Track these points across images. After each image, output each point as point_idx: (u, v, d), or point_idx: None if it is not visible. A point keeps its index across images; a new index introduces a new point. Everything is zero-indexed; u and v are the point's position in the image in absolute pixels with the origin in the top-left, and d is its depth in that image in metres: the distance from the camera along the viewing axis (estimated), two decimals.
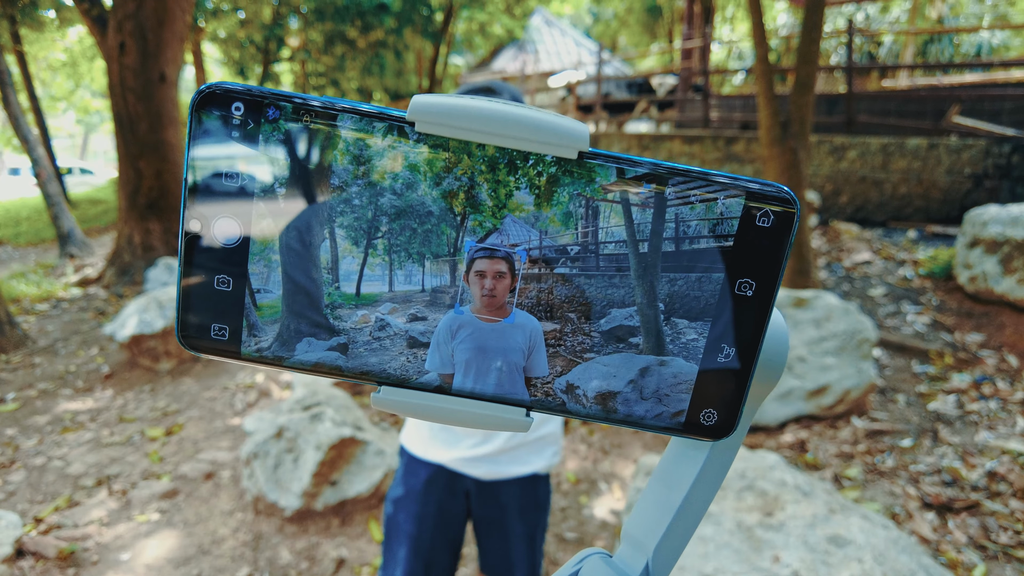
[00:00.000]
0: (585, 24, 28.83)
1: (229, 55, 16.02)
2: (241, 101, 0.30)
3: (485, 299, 0.34)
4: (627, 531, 0.41)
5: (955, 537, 2.73)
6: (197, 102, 0.29)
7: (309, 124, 0.30)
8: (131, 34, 6.72)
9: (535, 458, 1.63)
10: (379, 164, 0.31)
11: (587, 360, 0.34)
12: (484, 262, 0.33)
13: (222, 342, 0.32)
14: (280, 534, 2.98)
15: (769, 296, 0.33)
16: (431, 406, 0.34)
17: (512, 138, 0.30)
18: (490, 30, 18.75)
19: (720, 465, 0.39)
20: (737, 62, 18.01)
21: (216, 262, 0.31)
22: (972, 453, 3.34)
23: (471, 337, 0.34)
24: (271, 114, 0.30)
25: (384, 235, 0.33)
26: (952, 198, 7.07)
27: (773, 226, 0.32)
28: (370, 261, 0.33)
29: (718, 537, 1.96)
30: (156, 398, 4.56)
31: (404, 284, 0.33)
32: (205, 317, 0.32)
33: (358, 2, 13.47)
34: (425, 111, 0.30)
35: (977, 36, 14.99)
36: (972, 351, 4.42)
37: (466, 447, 1.58)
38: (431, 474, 1.60)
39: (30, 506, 3.26)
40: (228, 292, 0.32)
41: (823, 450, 3.47)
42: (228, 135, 0.30)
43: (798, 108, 5.03)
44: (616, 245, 0.33)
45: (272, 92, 0.30)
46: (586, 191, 0.32)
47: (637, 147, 8.87)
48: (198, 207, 0.31)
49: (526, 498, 1.63)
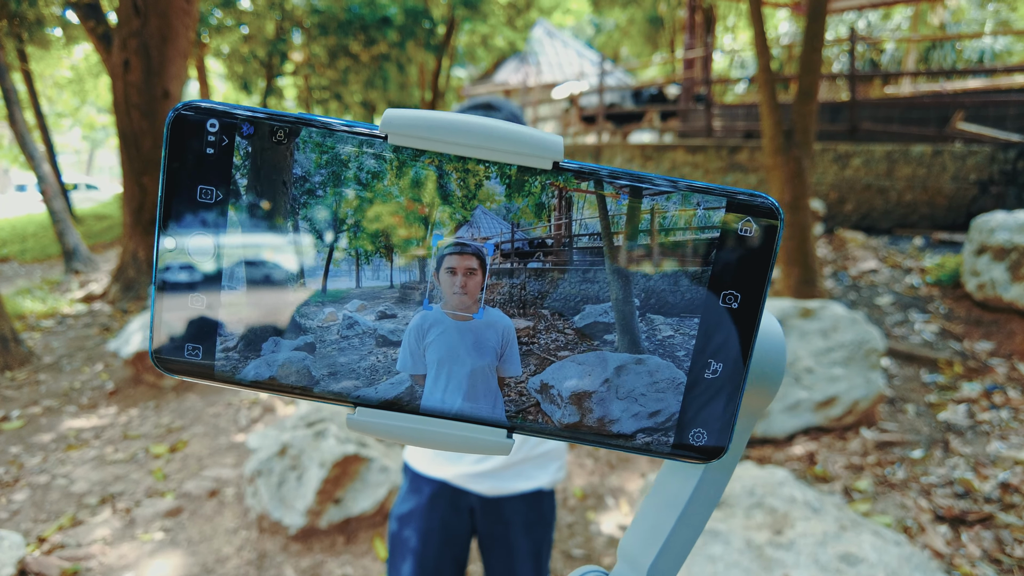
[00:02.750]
0: (587, 35, 28.95)
1: (233, 70, 16.14)
2: (216, 119, 0.30)
3: (456, 297, 0.33)
4: (623, 549, 0.40)
5: (969, 551, 2.69)
6: (173, 121, 0.30)
7: (283, 140, 0.31)
8: (135, 52, 6.78)
9: (539, 473, 1.61)
10: (351, 173, 0.31)
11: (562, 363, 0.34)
12: (454, 258, 0.33)
13: (196, 362, 0.32)
14: (284, 552, 2.95)
15: (755, 308, 0.31)
16: (409, 428, 0.33)
17: (486, 149, 0.30)
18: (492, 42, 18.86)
19: (715, 485, 0.38)
20: (739, 71, 18.05)
21: (191, 280, 0.31)
22: (984, 464, 3.29)
23: (443, 336, 0.33)
24: (245, 130, 0.30)
25: (351, 229, 0.32)
26: (958, 205, 7.03)
27: (756, 237, 0.31)
28: (335, 257, 0.32)
29: (727, 556, 1.92)
30: (160, 414, 4.54)
31: (372, 280, 0.33)
32: (180, 336, 0.32)
33: (361, 16, 13.57)
34: (397, 124, 0.30)
35: (980, 42, 14.98)
36: (982, 360, 4.37)
37: (469, 463, 1.57)
38: (435, 490, 1.59)
39: (34, 525, 3.25)
40: (203, 311, 0.32)
41: (832, 462, 3.43)
42: (204, 152, 0.30)
43: (801, 117, 5.02)
44: (593, 255, 0.33)
45: (246, 109, 0.30)
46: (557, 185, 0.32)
47: (640, 157, 8.87)
48: (173, 225, 0.31)
49: (531, 514, 1.61)
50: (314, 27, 14.48)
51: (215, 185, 0.30)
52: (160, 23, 6.76)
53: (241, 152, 0.30)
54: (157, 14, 6.72)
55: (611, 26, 24.44)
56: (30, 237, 15.10)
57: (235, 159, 0.30)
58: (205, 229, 0.31)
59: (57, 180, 12.73)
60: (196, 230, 0.31)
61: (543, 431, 0.33)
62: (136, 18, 6.69)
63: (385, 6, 13.75)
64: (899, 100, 9.43)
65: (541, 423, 0.33)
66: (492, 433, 0.33)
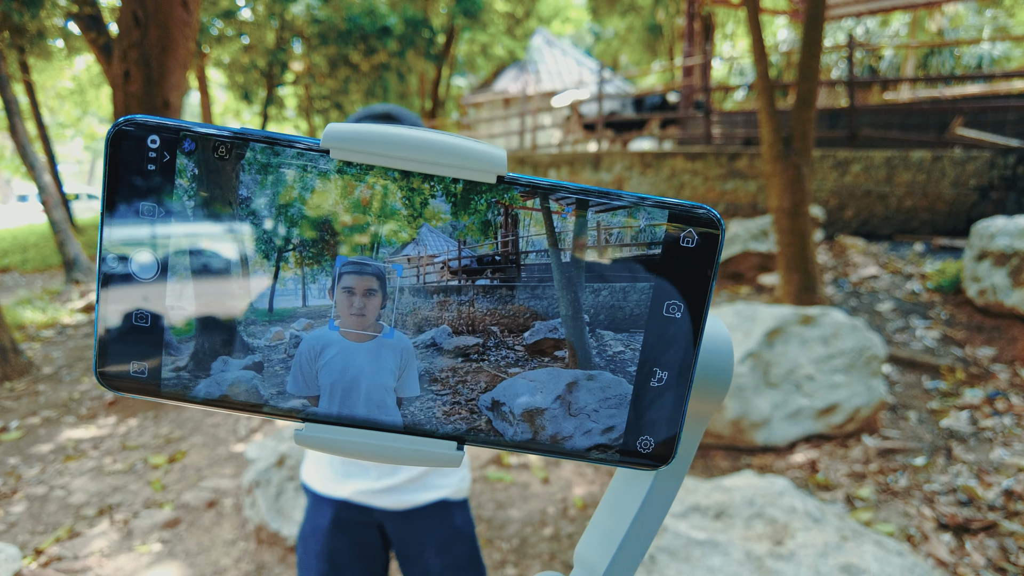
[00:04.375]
0: (586, 43, 29.07)
1: (234, 80, 16.21)
2: (156, 134, 0.30)
3: (353, 318, 0.32)
4: (579, 554, 0.41)
5: (973, 559, 2.66)
6: (113, 136, 0.29)
7: (225, 155, 0.30)
8: (135, 62, 6.81)
9: (442, 482, 1.56)
10: (295, 189, 0.31)
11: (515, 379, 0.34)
12: (352, 278, 0.32)
13: (142, 379, 0.32)
14: (283, 564, 2.93)
15: (699, 317, 0.32)
16: (361, 443, 0.33)
17: (430, 164, 0.30)
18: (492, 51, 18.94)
19: (666, 491, 0.39)
20: (738, 78, 18.09)
21: (134, 297, 0.31)
22: (988, 471, 3.26)
23: (338, 357, 0.33)
24: (187, 146, 0.30)
25: (296, 248, 0.32)
26: (958, 210, 7.02)
27: (698, 247, 0.32)
28: (282, 276, 0.32)
29: (727, 568, 1.90)
30: (159, 425, 4.53)
31: (318, 299, 0.33)
32: (124, 354, 0.31)
33: (361, 25, 13.64)
34: (340, 139, 0.30)
35: (978, 48, 15.02)
36: (984, 366, 4.35)
37: (371, 479, 1.51)
38: (337, 510, 1.53)
39: (31, 537, 3.23)
40: (147, 328, 0.31)
41: (834, 470, 3.40)
42: (145, 168, 0.30)
43: (800, 123, 5.02)
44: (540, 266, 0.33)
45: (187, 125, 0.30)
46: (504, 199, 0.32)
47: (640, 165, 8.87)
48: (116, 242, 0.30)
49: (441, 528, 1.56)
50: (314, 37, 14.55)
51: (157, 202, 0.30)
52: (160, 34, 6.79)
53: (183, 168, 0.30)
54: (157, 25, 6.75)
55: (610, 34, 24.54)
56: (31, 247, 15.13)
57: (177, 176, 0.30)
58: (148, 247, 0.30)
59: (58, 190, 12.77)
60: (139, 248, 0.30)
61: (495, 443, 0.34)
62: (136, 29, 6.72)
63: (385, 16, 13.83)
64: (898, 106, 9.44)
65: (491, 437, 0.33)
66: (443, 446, 0.33)
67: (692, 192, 8.42)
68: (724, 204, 8.24)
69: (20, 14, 10.14)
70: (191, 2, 6.81)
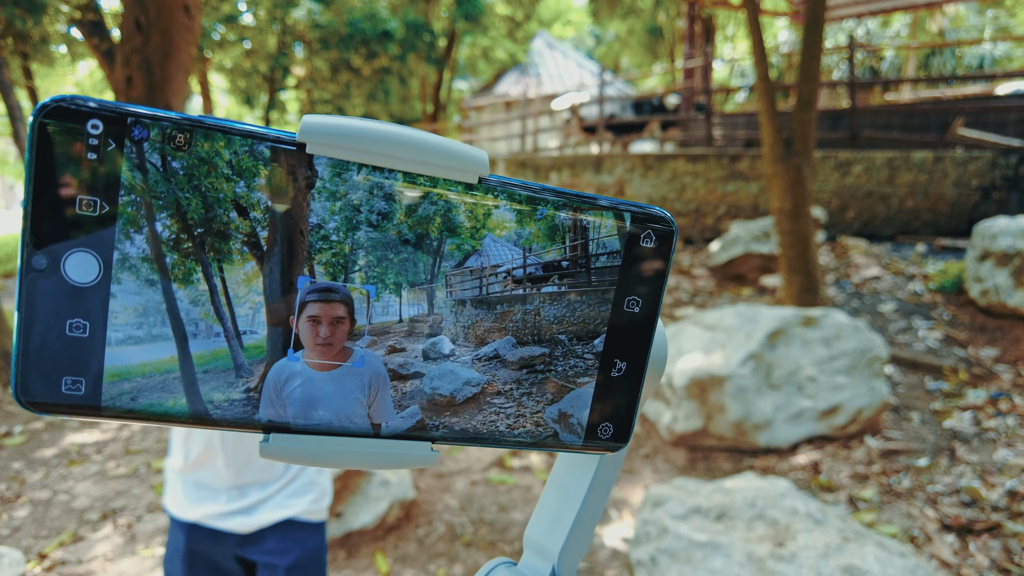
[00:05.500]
0: (587, 46, 29.10)
1: (236, 84, 16.27)
2: (99, 118, 0.26)
3: (319, 348, 0.30)
4: (529, 539, 0.42)
5: (976, 560, 2.66)
6: (46, 115, 0.25)
7: (183, 146, 0.27)
8: (138, 68, 6.85)
9: (291, 501, 1.52)
10: (261, 183, 0.28)
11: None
12: (318, 306, 0.30)
13: (77, 397, 0.27)
14: None
15: (654, 311, 0.34)
16: (330, 451, 0.31)
17: (415, 162, 0.29)
18: (493, 55, 18.99)
19: (610, 473, 0.41)
20: (739, 80, 18.10)
21: (69, 304, 0.26)
22: (991, 472, 3.26)
23: (302, 388, 0.30)
24: (137, 134, 0.26)
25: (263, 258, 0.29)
26: (960, 211, 7.01)
27: (655, 246, 0.34)
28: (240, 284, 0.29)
29: (728, 570, 1.90)
30: (162, 429, 4.54)
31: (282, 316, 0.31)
32: (55, 370, 0.27)
33: (362, 30, 13.68)
34: (318, 132, 0.28)
35: (979, 48, 15.00)
36: (987, 366, 4.34)
37: (220, 503, 1.48)
38: (190, 534, 1.50)
39: (35, 541, 3.23)
40: (85, 339, 0.27)
41: (837, 471, 3.40)
42: (84, 157, 0.26)
43: (801, 125, 5.02)
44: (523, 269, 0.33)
45: (137, 109, 0.26)
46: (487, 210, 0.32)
47: (641, 167, 8.87)
48: (45, 241, 0.26)
49: (290, 550, 1.50)
50: (316, 41, 14.59)
51: (99, 196, 0.26)
52: (162, 39, 6.82)
53: (132, 159, 0.26)
54: (159, 30, 6.78)
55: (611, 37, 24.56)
56: None
57: (124, 167, 0.26)
58: (85, 247, 0.26)
59: None
60: (74, 248, 0.26)
61: (464, 439, 0.33)
62: (138, 34, 6.75)
63: (386, 20, 13.87)
64: (899, 107, 9.44)
65: (461, 433, 0.33)
66: (417, 447, 0.32)
67: (694, 194, 8.42)
68: (725, 206, 8.24)
69: (23, 20, 10.19)
70: (193, 7, 6.84)
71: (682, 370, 3.70)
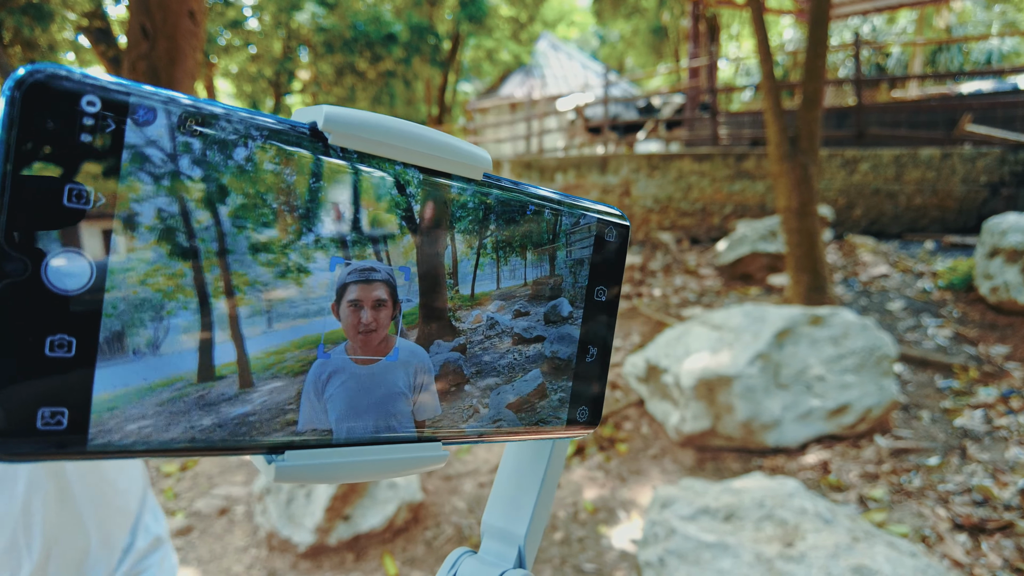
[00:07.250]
0: (591, 47, 29.10)
1: (241, 89, 16.35)
2: (97, 96, 0.22)
3: (362, 337, 0.28)
4: (488, 526, 0.44)
5: (989, 560, 2.63)
6: (28, 88, 0.21)
7: (195, 133, 0.24)
8: (144, 74, 6.88)
9: None
10: (276, 176, 0.26)
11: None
12: (359, 287, 0.27)
13: (57, 433, 0.22)
14: (294, 570, 2.94)
15: (616, 298, 0.38)
16: (347, 463, 0.29)
17: (429, 157, 0.31)
18: (497, 56, 19.01)
19: (560, 458, 0.43)
20: (745, 79, 18.05)
21: (51, 316, 0.22)
22: (1003, 470, 3.23)
23: (344, 387, 0.28)
24: (142, 116, 0.23)
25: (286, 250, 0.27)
26: (969, 208, 6.96)
27: (615, 240, 0.38)
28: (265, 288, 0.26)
29: (736, 570, 1.89)
30: (163, 461, 4.55)
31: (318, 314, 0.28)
32: (30, 399, 0.21)
33: (366, 33, 13.72)
34: (342, 124, 0.28)
35: (986, 44, 14.91)
36: (998, 364, 4.31)
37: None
38: None
39: None
40: (70, 359, 0.22)
41: (847, 471, 3.38)
42: (77, 141, 0.22)
43: (806, 123, 5.00)
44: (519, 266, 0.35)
45: (142, 87, 0.23)
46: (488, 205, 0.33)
47: (647, 167, 8.86)
48: (24, 239, 0.21)
49: None
50: (320, 45, 14.65)
51: (94, 186, 0.22)
52: (168, 45, 6.87)
53: (135, 144, 0.23)
54: (165, 37, 6.82)
55: (615, 37, 24.56)
56: None
57: (125, 153, 0.23)
58: (74, 247, 0.22)
59: None
60: (61, 249, 0.22)
61: (467, 439, 0.35)
62: (144, 41, 6.80)
63: (390, 23, 13.91)
64: (906, 104, 9.39)
65: (466, 433, 0.34)
66: (428, 449, 0.32)
67: (700, 193, 8.40)
68: (732, 205, 8.21)
69: (31, 28, 10.28)
70: (198, 13, 6.89)
71: (689, 370, 3.69)
